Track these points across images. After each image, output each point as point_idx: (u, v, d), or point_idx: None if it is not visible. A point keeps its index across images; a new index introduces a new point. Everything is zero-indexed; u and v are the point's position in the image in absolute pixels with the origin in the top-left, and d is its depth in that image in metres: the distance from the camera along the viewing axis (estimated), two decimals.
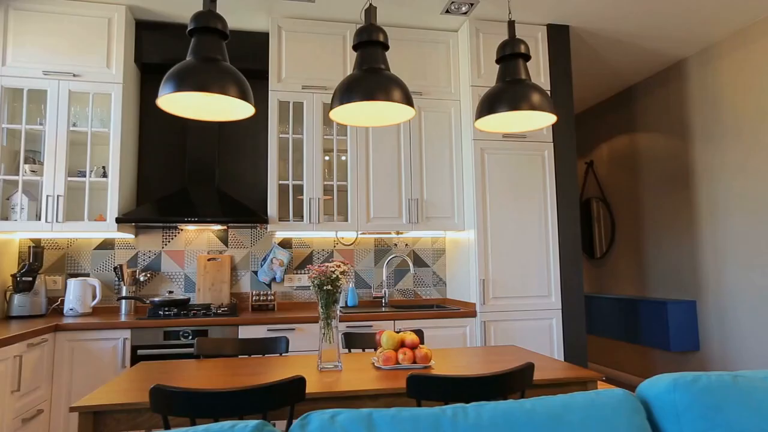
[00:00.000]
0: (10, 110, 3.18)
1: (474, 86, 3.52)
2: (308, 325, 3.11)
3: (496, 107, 2.11)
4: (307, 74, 3.48)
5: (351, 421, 1.06)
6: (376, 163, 3.52)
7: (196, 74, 1.75)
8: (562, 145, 3.62)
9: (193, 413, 1.44)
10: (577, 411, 1.14)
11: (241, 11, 3.39)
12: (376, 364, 2.06)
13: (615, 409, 1.12)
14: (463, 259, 3.59)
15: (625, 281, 4.99)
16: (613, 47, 4.02)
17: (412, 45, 3.66)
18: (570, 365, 2.05)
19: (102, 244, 3.48)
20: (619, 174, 5.13)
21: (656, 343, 4.28)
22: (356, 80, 1.92)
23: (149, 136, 3.64)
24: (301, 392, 1.55)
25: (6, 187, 3.16)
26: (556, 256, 3.49)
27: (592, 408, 1.13)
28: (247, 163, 3.76)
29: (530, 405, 1.16)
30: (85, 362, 2.84)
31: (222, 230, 3.66)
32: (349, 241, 3.82)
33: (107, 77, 3.22)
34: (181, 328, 2.95)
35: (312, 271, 1.96)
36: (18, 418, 2.45)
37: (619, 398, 1.15)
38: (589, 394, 1.18)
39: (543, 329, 3.42)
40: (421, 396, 1.57)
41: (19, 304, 3.08)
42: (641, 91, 4.80)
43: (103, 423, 1.61)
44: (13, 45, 3.11)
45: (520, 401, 1.18)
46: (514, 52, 2.18)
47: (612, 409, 1.12)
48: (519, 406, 1.15)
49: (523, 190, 3.51)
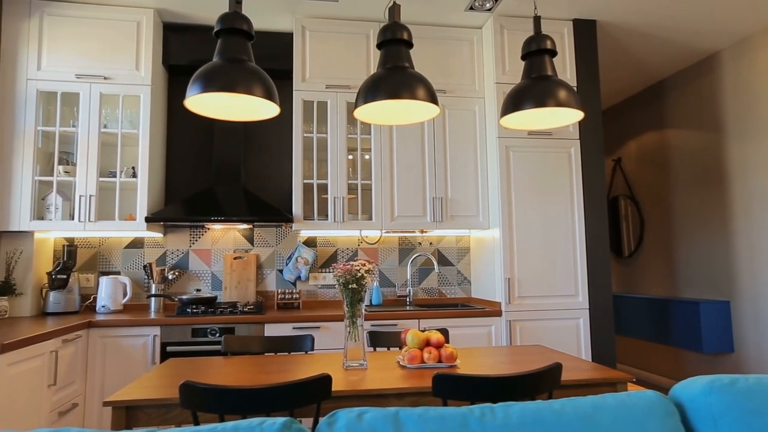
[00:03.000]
0: (45, 113, 3.28)
1: (498, 83, 3.49)
2: (333, 323, 3.13)
3: (522, 104, 2.08)
4: (331, 73, 3.50)
5: (378, 420, 1.06)
6: (400, 162, 3.51)
7: (222, 75, 1.77)
8: (589, 142, 3.56)
9: (222, 410, 1.46)
10: (607, 412, 1.12)
11: (266, 12, 3.43)
12: (401, 362, 2.05)
13: (647, 412, 1.09)
14: (488, 258, 3.56)
15: (655, 281, 4.88)
16: (641, 41, 3.93)
17: (435, 43, 3.64)
18: (598, 366, 2.01)
19: (132, 242, 3.56)
20: (648, 171, 5.01)
21: (688, 344, 4.17)
22: (380, 79, 1.92)
23: (176, 136, 3.71)
24: (327, 390, 1.55)
25: (41, 188, 3.26)
26: (583, 254, 3.43)
27: (623, 410, 1.11)
28: (272, 162, 3.80)
29: (559, 406, 1.14)
30: (117, 358, 2.92)
31: (248, 229, 3.71)
32: (374, 239, 3.82)
33: (136, 79, 3.29)
34: (208, 326, 3.00)
35: (337, 269, 1.97)
36: (55, 411, 2.53)
37: (652, 400, 1.13)
38: (620, 395, 1.15)
39: (570, 329, 3.37)
40: (447, 395, 1.56)
41: (54, 301, 3.18)
42: (671, 86, 4.68)
43: (134, 417, 1.65)
44: (48, 50, 3.20)
45: (548, 402, 1.16)
46: (539, 48, 2.15)
47: (644, 411, 1.09)
48: (548, 407, 1.13)
49: (549, 188, 3.46)
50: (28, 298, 3.15)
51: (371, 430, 1.04)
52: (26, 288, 3.15)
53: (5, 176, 3.08)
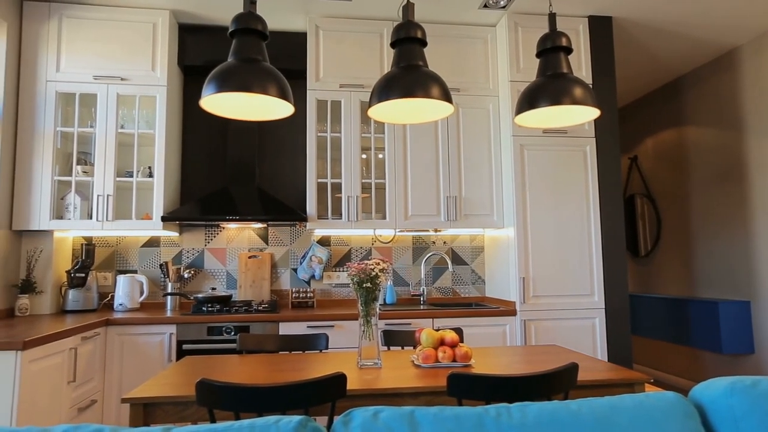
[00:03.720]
0: (64, 114, 3.33)
1: (513, 81, 3.46)
2: (347, 322, 3.14)
3: (537, 102, 2.06)
4: (345, 73, 3.50)
5: (393, 419, 1.06)
6: (414, 161, 3.51)
7: (237, 75, 1.78)
8: (604, 141, 3.52)
9: (238, 407, 1.47)
10: (625, 413, 1.10)
11: (280, 12, 3.44)
12: (415, 362, 2.05)
13: (666, 413, 1.08)
14: (503, 257, 3.54)
15: (672, 280, 4.81)
16: (658, 37, 3.87)
17: (449, 41, 3.63)
18: (615, 366, 1.99)
19: (148, 241, 3.60)
20: (665, 169, 4.94)
21: (707, 345, 4.10)
22: (394, 77, 1.92)
23: (192, 136, 3.75)
24: (342, 389, 1.56)
25: (60, 188, 3.31)
26: (599, 253, 3.40)
27: (642, 411, 1.10)
28: (286, 162, 3.82)
29: (576, 406, 1.13)
30: (134, 355, 2.96)
31: (262, 228, 3.73)
32: (387, 238, 3.82)
33: (152, 80, 3.32)
34: (223, 324, 3.03)
35: (352, 268, 1.97)
36: (74, 407, 2.57)
37: (671, 401, 1.11)
38: (638, 396, 1.14)
39: (585, 329, 3.33)
40: (462, 395, 1.56)
41: (73, 299, 3.23)
42: (689, 83, 4.60)
43: (152, 414, 1.67)
44: (66, 52, 3.25)
45: (565, 402, 1.15)
46: (555, 45, 2.12)
47: (663, 412, 1.08)
48: (564, 407, 1.12)
49: (564, 187, 3.43)
50: (48, 296, 3.21)
51: (387, 429, 1.04)
52: (46, 286, 3.21)
53: (26, 176, 3.13)
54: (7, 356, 2.12)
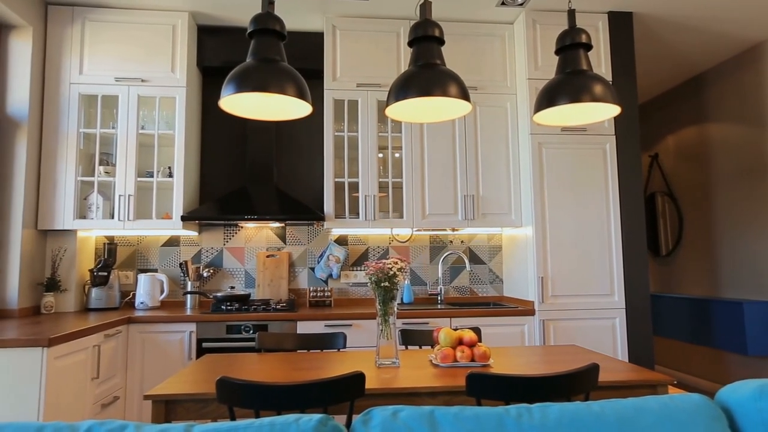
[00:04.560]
0: (86, 116, 3.39)
1: (531, 79, 3.43)
2: (365, 321, 3.14)
3: (556, 100, 2.04)
4: (362, 72, 3.51)
5: (413, 418, 1.06)
6: (431, 160, 3.50)
7: (255, 75, 1.79)
8: (624, 138, 3.47)
9: (258, 405, 1.48)
10: (649, 415, 1.08)
11: (297, 12, 3.46)
12: (433, 361, 2.05)
13: (692, 416, 1.06)
14: (521, 256, 3.51)
15: (694, 280, 4.72)
16: (680, 32, 3.80)
17: (466, 39, 3.61)
18: (637, 367, 1.96)
19: (168, 241, 3.65)
20: (687, 167, 4.85)
21: (731, 346, 4.02)
22: (412, 76, 1.92)
23: (210, 137, 3.79)
24: (360, 388, 1.56)
25: (83, 188, 3.37)
26: (619, 253, 3.35)
27: (666, 413, 1.08)
28: (304, 161, 3.84)
29: (598, 407, 1.11)
30: (155, 353, 3.00)
31: (280, 227, 3.75)
32: (404, 238, 3.82)
33: (172, 81, 3.36)
34: (242, 323, 3.06)
35: (370, 267, 1.98)
36: (98, 403, 2.62)
37: (697, 404, 1.09)
38: (663, 398, 1.12)
39: (605, 329, 3.29)
40: (481, 395, 1.55)
41: (96, 297, 3.29)
42: (712, 78, 4.51)
43: (173, 411, 1.69)
44: (89, 54, 3.31)
45: (587, 403, 1.13)
46: (574, 41, 2.10)
47: (688, 415, 1.06)
48: (586, 408, 1.11)
49: (583, 185, 3.39)
50: (72, 294, 3.27)
51: (407, 428, 1.04)
52: (70, 284, 3.27)
53: (51, 177, 3.20)
54: (33, 353, 2.17)
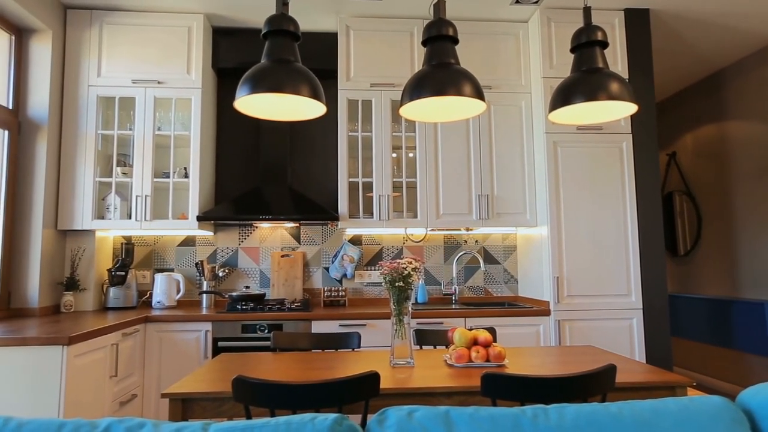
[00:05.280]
0: (104, 117, 3.44)
1: (546, 78, 3.40)
2: (379, 321, 3.14)
3: (572, 98, 2.02)
4: (376, 72, 3.51)
5: (429, 419, 1.06)
6: (445, 159, 3.49)
7: (270, 76, 1.80)
8: (641, 136, 3.42)
9: (273, 404, 1.49)
10: (668, 418, 1.07)
11: (310, 13, 3.47)
12: (448, 361, 2.04)
13: (713, 418, 1.04)
14: (536, 256, 3.49)
15: (714, 280, 4.64)
16: (698, 29, 3.74)
17: (480, 38, 3.59)
18: (655, 368, 1.93)
19: (184, 240, 3.69)
20: (706, 165, 4.77)
21: (752, 347, 3.94)
22: (426, 76, 1.91)
23: (225, 137, 3.82)
24: (375, 387, 1.56)
25: (101, 189, 3.43)
26: (636, 252, 3.31)
27: (686, 415, 1.06)
28: (318, 161, 3.85)
29: (616, 409, 1.10)
30: (172, 352, 3.03)
31: (294, 227, 3.77)
32: (419, 237, 3.81)
33: (187, 83, 3.40)
34: (257, 322, 3.08)
35: (384, 267, 1.98)
36: (116, 401, 2.66)
37: (718, 406, 1.07)
38: (682, 400, 1.10)
39: (622, 330, 3.25)
40: (497, 395, 1.54)
41: (114, 296, 3.34)
42: (732, 75, 4.43)
43: (190, 409, 1.71)
44: (107, 57, 3.36)
45: (604, 405, 1.12)
46: (590, 39, 2.08)
47: (709, 417, 1.04)
48: (604, 410, 1.10)
49: (599, 184, 3.35)
50: (91, 294, 3.32)
51: (422, 428, 1.03)
52: (89, 284, 3.33)
53: (70, 178, 3.25)
54: (54, 351, 2.21)
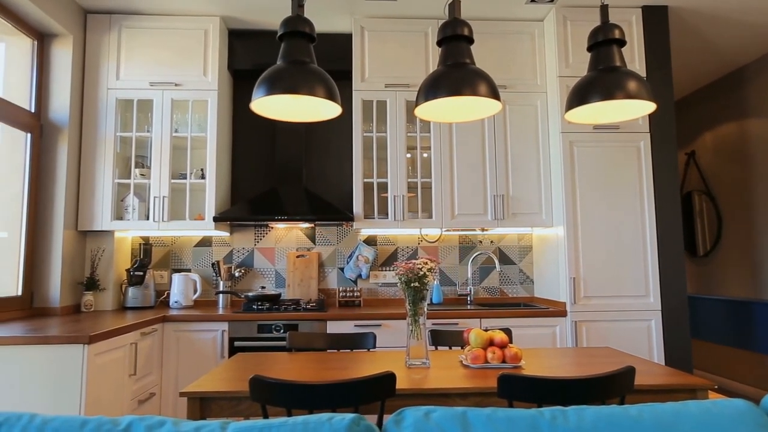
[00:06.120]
0: (123, 120, 3.50)
1: (561, 77, 3.37)
2: (394, 321, 3.14)
3: (589, 97, 2.00)
4: (390, 72, 3.51)
5: (446, 419, 1.05)
6: (460, 159, 3.48)
7: (286, 77, 1.81)
8: (659, 135, 3.37)
9: (290, 404, 1.50)
10: (690, 421, 1.05)
11: (325, 14, 3.49)
12: (464, 362, 2.03)
13: (735, 422, 1.02)
14: (552, 257, 3.46)
15: (734, 281, 4.56)
16: (718, 25, 3.68)
17: (495, 38, 3.57)
18: (675, 371, 1.90)
19: (201, 241, 3.73)
20: (726, 164, 4.69)
21: None
22: (441, 76, 1.91)
23: (241, 139, 3.85)
24: (391, 388, 1.56)
25: (120, 190, 3.48)
26: (654, 253, 3.27)
27: (708, 419, 1.04)
28: (333, 162, 3.86)
29: (636, 411, 1.09)
30: (189, 351, 3.07)
31: (310, 228, 3.79)
32: (434, 238, 3.81)
33: (204, 85, 3.44)
34: (273, 322, 3.10)
35: (399, 268, 1.98)
36: (135, 399, 2.70)
37: (741, 410, 1.05)
38: (704, 403, 1.09)
39: (640, 331, 3.21)
40: (513, 397, 1.53)
41: (132, 296, 3.38)
42: (753, 72, 4.35)
43: (208, 408, 1.73)
44: (125, 60, 3.41)
45: (624, 407, 1.11)
46: (607, 38, 2.05)
47: (732, 421, 1.02)
48: (623, 412, 1.08)
49: (616, 184, 3.31)
50: (110, 293, 3.37)
51: (439, 429, 1.03)
52: (108, 283, 3.38)
53: (90, 180, 3.31)
54: (75, 349, 2.25)
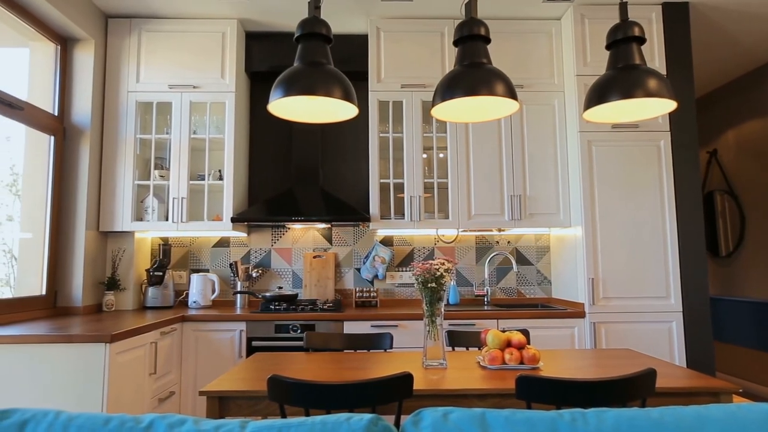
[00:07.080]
0: (142, 122, 3.55)
1: (579, 76, 3.34)
2: (410, 322, 3.14)
3: (608, 96, 1.98)
4: (406, 73, 3.51)
5: (464, 420, 1.05)
6: (477, 160, 3.46)
7: (303, 79, 1.82)
8: (680, 134, 3.32)
9: (308, 404, 1.51)
10: (713, 425, 1.03)
11: (341, 15, 3.50)
12: (481, 363, 2.02)
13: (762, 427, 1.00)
14: (570, 257, 3.42)
15: (759, 282, 4.46)
16: (742, 21, 3.60)
17: (512, 37, 3.55)
18: (697, 373, 1.87)
19: (219, 242, 3.77)
20: (749, 163, 4.59)
21: None
22: (458, 76, 1.90)
23: (258, 140, 3.88)
24: (409, 388, 1.56)
25: (140, 191, 3.53)
26: (675, 254, 3.21)
27: (733, 423, 1.02)
28: (349, 163, 3.87)
29: (658, 414, 1.07)
30: (208, 350, 3.10)
31: (326, 228, 3.81)
32: (450, 238, 3.79)
33: (222, 87, 3.47)
34: (290, 322, 3.12)
35: (416, 268, 1.97)
36: (155, 397, 2.74)
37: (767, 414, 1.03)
38: (729, 406, 1.06)
39: (661, 333, 3.16)
40: (532, 398, 1.52)
41: (152, 296, 3.43)
42: None
43: (226, 407, 1.75)
44: (145, 63, 3.46)
45: (645, 410, 1.09)
46: (626, 35, 2.03)
47: (758, 426, 1.00)
48: (645, 415, 1.07)
49: (635, 184, 3.27)
50: (131, 293, 3.43)
51: (458, 430, 1.03)
52: (129, 283, 3.43)
53: (111, 181, 3.37)
54: (97, 348, 2.29)
